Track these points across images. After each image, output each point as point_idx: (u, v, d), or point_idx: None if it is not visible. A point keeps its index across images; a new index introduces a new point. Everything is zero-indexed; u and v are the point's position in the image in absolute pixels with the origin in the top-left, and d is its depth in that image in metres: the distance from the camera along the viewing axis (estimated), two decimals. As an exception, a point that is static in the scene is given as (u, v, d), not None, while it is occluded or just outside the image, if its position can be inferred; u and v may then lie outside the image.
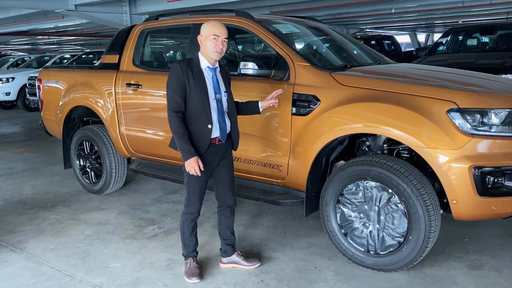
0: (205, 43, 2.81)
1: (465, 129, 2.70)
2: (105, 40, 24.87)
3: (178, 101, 2.77)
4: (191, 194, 2.97)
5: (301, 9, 11.77)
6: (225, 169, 3.05)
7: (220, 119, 2.88)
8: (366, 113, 2.93)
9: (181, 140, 2.76)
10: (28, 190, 5.20)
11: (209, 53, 2.81)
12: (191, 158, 2.76)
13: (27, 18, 12.62)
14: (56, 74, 5.27)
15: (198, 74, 2.82)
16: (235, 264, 3.19)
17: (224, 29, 2.82)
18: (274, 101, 3.10)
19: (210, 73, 2.87)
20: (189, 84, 2.77)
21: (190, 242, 3.11)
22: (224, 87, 2.95)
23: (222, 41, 2.80)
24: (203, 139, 2.85)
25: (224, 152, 3.00)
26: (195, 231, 3.11)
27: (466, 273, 3.05)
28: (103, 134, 4.70)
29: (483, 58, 6.81)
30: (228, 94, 2.96)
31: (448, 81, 3.13)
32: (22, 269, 3.26)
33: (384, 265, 3.02)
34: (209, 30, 2.81)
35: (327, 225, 3.22)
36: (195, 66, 2.83)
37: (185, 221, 3.04)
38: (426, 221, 2.80)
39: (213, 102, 2.85)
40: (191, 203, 2.99)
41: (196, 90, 2.78)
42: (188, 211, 3.01)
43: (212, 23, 2.85)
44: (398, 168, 2.86)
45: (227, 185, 3.08)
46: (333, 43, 4.28)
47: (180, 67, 2.78)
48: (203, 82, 2.82)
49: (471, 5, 12.16)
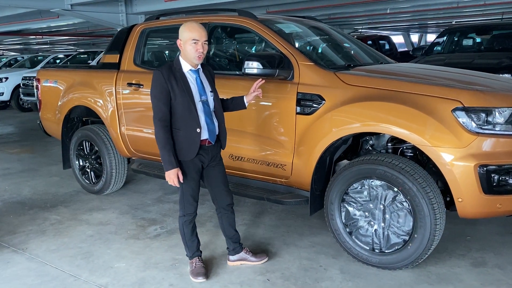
0: (185, 48, 2.75)
1: (470, 128, 2.72)
2: (99, 40, 24.78)
3: (163, 109, 2.74)
4: (185, 195, 2.96)
5: (296, 9, 11.80)
6: (217, 170, 3.05)
7: (208, 120, 2.86)
8: (372, 112, 2.94)
9: (163, 150, 2.76)
10: (27, 191, 5.16)
11: (190, 58, 2.77)
12: (171, 169, 2.77)
13: (20, 17, 12.53)
14: (54, 73, 5.23)
15: (181, 78, 2.77)
16: (244, 260, 3.19)
17: (203, 31, 2.76)
18: (258, 92, 3.06)
19: (193, 75, 2.84)
20: (173, 90, 2.73)
21: (192, 243, 3.10)
22: (210, 86, 2.92)
23: (202, 44, 2.75)
24: (192, 143, 2.82)
25: (214, 154, 3.00)
26: (195, 232, 3.10)
27: (470, 271, 3.07)
28: (103, 134, 4.67)
29: (480, 58, 6.87)
30: (214, 94, 2.94)
31: (452, 80, 3.15)
32: (25, 270, 3.23)
33: (389, 263, 3.04)
34: (188, 34, 2.73)
35: (332, 224, 3.23)
36: (177, 71, 2.78)
37: (184, 224, 3.03)
38: (431, 219, 2.82)
39: (199, 105, 2.82)
40: (186, 203, 2.97)
41: (181, 95, 2.74)
42: (185, 213, 3.00)
43: (189, 26, 2.76)
44: (403, 167, 2.87)
45: (222, 185, 3.08)
46: (335, 42, 4.30)
47: (161, 74, 2.73)
48: (187, 86, 2.77)
49: (465, 6, 12.26)
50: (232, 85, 3.62)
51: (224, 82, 3.53)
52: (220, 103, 3.00)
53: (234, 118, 3.48)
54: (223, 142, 3.04)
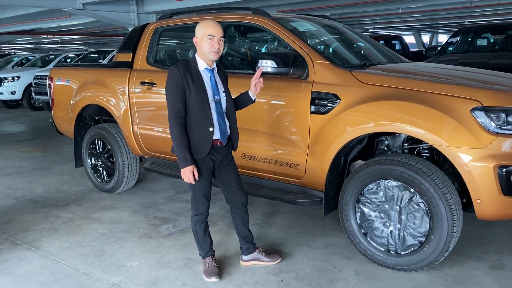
0: (201, 44, 2.76)
1: (489, 128, 2.67)
2: (109, 39, 24.92)
3: (178, 107, 2.73)
4: (197, 194, 2.94)
5: (307, 9, 11.76)
6: (230, 170, 3.03)
7: (220, 120, 2.85)
8: (390, 112, 2.90)
9: (179, 147, 2.74)
10: (39, 189, 5.18)
11: (206, 54, 2.77)
12: (187, 166, 2.75)
13: (32, 17, 12.63)
14: (67, 72, 5.25)
15: (197, 76, 2.77)
16: (257, 260, 3.17)
17: (219, 28, 2.77)
18: (258, 80, 2.95)
19: (208, 74, 2.83)
20: (188, 88, 2.73)
21: (205, 242, 3.08)
22: (223, 87, 2.91)
23: (218, 41, 2.75)
24: (204, 142, 2.82)
25: (225, 154, 2.98)
26: (208, 231, 3.08)
27: (488, 274, 3.02)
28: (116, 133, 4.68)
29: (495, 58, 6.77)
30: (227, 94, 2.93)
31: (471, 80, 3.10)
32: (39, 268, 3.24)
33: (405, 265, 2.99)
34: (204, 30, 2.74)
35: (347, 225, 3.19)
36: (193, 69, 2.79)
37: (196, 223, 3.01)
38: (449, 220, 2.77)
39: (212, 104, 2.81)
40: (198, 202, 2.95)
41: (195, 93, 2.74)
42: (197, 212, 2.98)
43: (206, 23, 2.78)
44: (420, 167, 2.83)
45: (235, 185, 3.06)
46: (349, 41, 4.25)
47: (178, 71, 2.73)
48: (202, 84, 2.78)
49: (479, 5, 12.12)
50: (244, 84, 3.58)
51: (236, 81, 3.50)
52: (233, 104, 2.98)
53: (247, 117, 3.46)
54: (234, 143, 3.01)
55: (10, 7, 11.09)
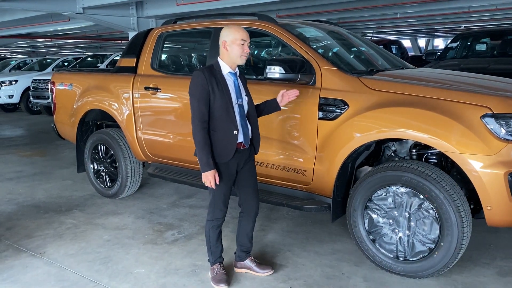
0: (232, 48, 2.77)
1: (500, 134, 2.68)
2: (107, 43, 24.87)
3: (202, 110, 2.74)
4: (216, 199, 2.93)
5: (306, 14, 11.78)
6: (249, 174, 3.03)
7: (243, 123, 2.86)
8: (399, 118, 2.90)
9: (202, 152, 2.74)
10: (41, 194, 5.15)
11: (235, 58, 2.79)
12: (208, 171, 2.75)
13: (30, 21, 12.55)
14: (70, 77, 5.22)
15: (221, 80, 2.79)
16: (248, 270, 3.16)
17: (247, 33, 2.82)
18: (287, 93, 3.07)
19: (232, 78, 2.85)
20: (213, 92, 2.74)
21: (216, 248, 3.07)
22: (245, 90, 2.93)
23: (247, 45, 2.80)
24: (229, 145, 2.82)
25: (247, 157, 2.98)
26: (220, 238, 3.08)
27: (497, 280, 3.02)
28: (119, 138, 4.65)
29: (496, 63, 6.81)
30: (248, 98, 2.95)
31: (480, 86, 3.11)
32: (45, 275, 3.21)
33: (414, 272, 2.99)
34: (236, 35, 2.77)
35: (355, 231, 3.18)
36: (217, 73, 2.80)
37: (211, 228, 3.00)
38: (459, 227, 2.77)
39: (236, 107, 2.83)
40: (216, 208, 2.95)
41: (220, 97, 2.75)
42: (213, 217, 2.98)
43: (236, 27, 2.82)
44: (430, 174, 2.83)
45: (252, 191, 3.05)
46: (354, 47, 4.26)
47: (204, 75, 2.74)
48: (226, 88, 2.79)
49: (477, 11, 12.20)
50: (255, 89, 3.58)
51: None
52: (254, 108, 2.99)
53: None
54: (256, 147, 3.02)
55: (9, 11, 11.04)
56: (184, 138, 4.05)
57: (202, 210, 4.48)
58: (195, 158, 4.02)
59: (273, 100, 3.09)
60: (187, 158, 4.11)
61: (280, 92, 3.08)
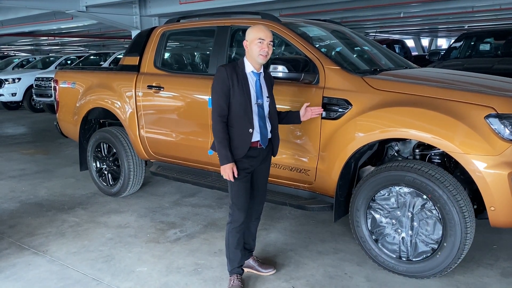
0: (251, 47, 2.79)
1: (504, 135, 2.67)
2: (109, 41, 24.89)
3: (222, 105, 2.76)
4: (234, 198, 2.89)
5: (309, 13, 11.76)
6: (262, 175, 3.02)
7: (261, 123, 2.85)
8: (403, 118, 2.90)
9: (220, 145, 2.75)
10: (43, 192, 5.15)
11: (254, 56, 2.79)
12: (227, 164, 2.75)
13: (33, 19, 12.57)
14: (73, 75, 5.22)
15: (243, 78, 2.80)
16: (250, 269, 3.15)
17: (268, 32, 2.80)
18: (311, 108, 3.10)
19: (254, 78, 2.85)
20: (233, 88, 2.76)
21: (235, 256, 2.97)
22: (267, 92, 2.93)
23: (268, 44, 2.78)
24: (243, 142, 2.82)
25: (264, 157, 2.96)
26: (240, 245, 2.98)
27: (500, 281, 3.01)
28: (122, 136, 4.66)
29: (499, 63, 6.78)
30: (270, 99, 2.94)
31: (484, 87, 3.09)
32: (47, 273, 3.21)
33: (416, 272, 2.98)
34: (254, 34, 2.79)
35: (357, 231, 3.18)
36: (240, 71, 2.82)
37: (230, 232, 2.94)
38: (462, 227, 2.76)
39: (254, 107, 2.83)
40: (235, 208, 2.90)
41: (239, 94, 2.77)
42: (233, 219, 2.92)
43: (257, 27, 2.83)
44: (433, 174, 2.82)
45: (261, 192, 3.05)
46: (358, 46, 4.25)
47: (225, 71, 2.76)
48: (246, 86, 2.80)
49: (480, 10, 12.16)
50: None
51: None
52: (276, 110, 2.98)
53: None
54: (275, 148, 3.00)
55: (13, 9, 11.05)
56: (187, 137, 4.05)
57: (204, 209, 4.48)
58: (197, 157, 4.06)
59: (295, 112, 3.10)
60: (190, 157, 4.11)
61: (304, 105, 3.07)
